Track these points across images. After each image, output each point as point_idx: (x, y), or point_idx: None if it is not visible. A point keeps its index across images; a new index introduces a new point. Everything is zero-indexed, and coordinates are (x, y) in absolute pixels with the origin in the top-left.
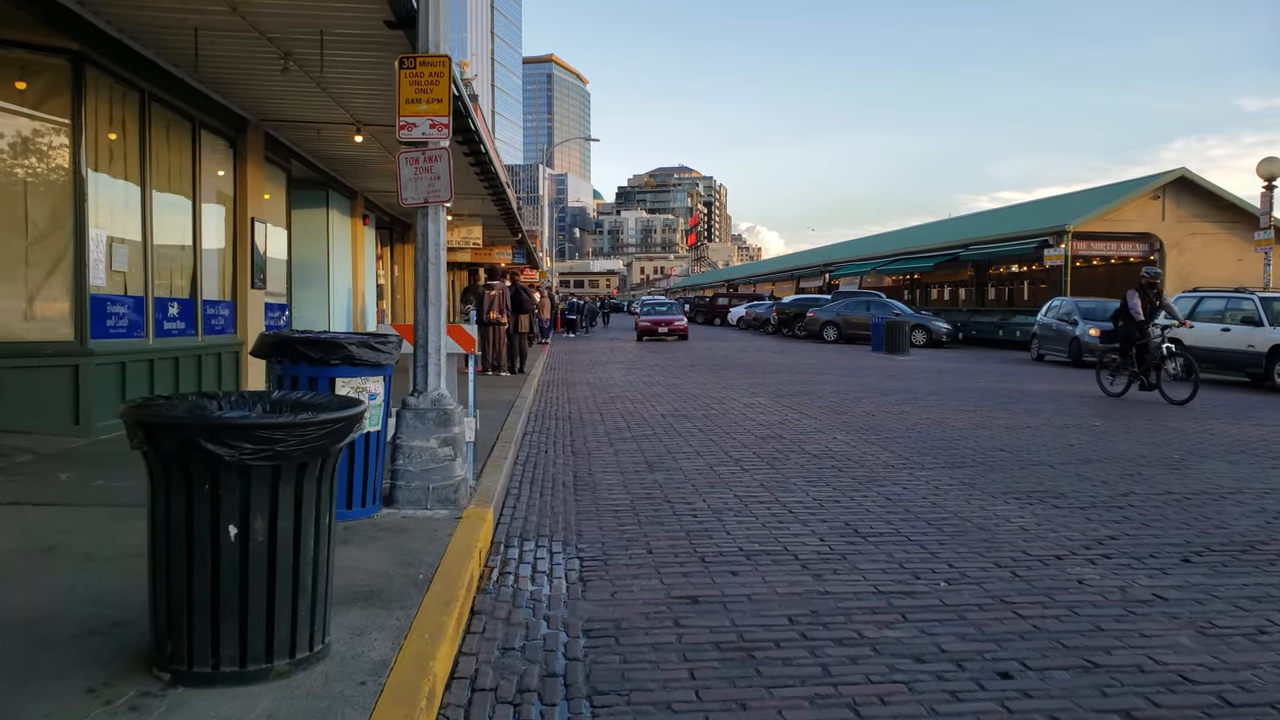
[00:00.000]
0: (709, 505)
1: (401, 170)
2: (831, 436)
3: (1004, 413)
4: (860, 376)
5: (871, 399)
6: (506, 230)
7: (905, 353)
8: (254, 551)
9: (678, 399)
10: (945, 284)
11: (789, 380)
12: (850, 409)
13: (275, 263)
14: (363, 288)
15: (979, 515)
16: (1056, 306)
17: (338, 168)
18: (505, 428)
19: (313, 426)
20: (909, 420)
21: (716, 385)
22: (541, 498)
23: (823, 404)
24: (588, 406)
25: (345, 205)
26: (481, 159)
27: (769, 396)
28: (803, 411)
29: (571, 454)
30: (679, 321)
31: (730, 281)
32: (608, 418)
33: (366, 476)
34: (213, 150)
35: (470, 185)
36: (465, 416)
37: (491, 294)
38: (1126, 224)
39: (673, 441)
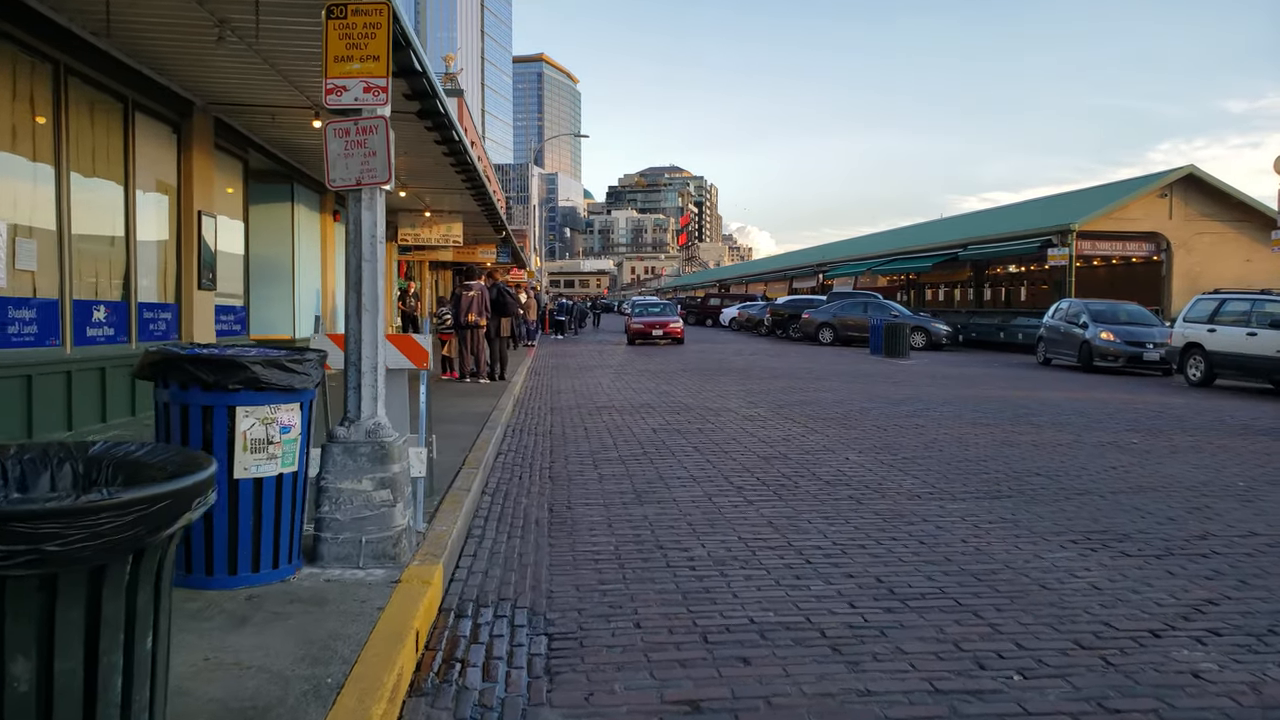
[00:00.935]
0: (709, 552)
1: (329, 145)
2: (843, 457)
3: (1028, 426)
4: (863, 383)
5: (880, 410)
6: (490, 228)
7: (906, 356)
8: (11, 711)
9: (669, 410)
10: (942, 284)
11: (788, 388)
12: (859, 422)
13: (230, 261)
14: (333, 288)
15: (1035, 567)
16: (1064, 308)
17: (302, 159)
18: (475, 448)
19: (111, 512)
20: (925, 436)
21: (711, 393)
22: (509, 541)
23: (828, 416)
24: (572, 419)
25: (313, 200)
26: (455, 147)
27: (769, 407)
28: (807, 425)
29: (549, 480)
30: (674, 324)
31: (721, 281)
32: (593, 433)
33: (280, 530)
34: (151, 135)
35: (445, 178)
36: (413, 447)
37: (469, 294)
38: (1132, 223)
39: (665, 463)
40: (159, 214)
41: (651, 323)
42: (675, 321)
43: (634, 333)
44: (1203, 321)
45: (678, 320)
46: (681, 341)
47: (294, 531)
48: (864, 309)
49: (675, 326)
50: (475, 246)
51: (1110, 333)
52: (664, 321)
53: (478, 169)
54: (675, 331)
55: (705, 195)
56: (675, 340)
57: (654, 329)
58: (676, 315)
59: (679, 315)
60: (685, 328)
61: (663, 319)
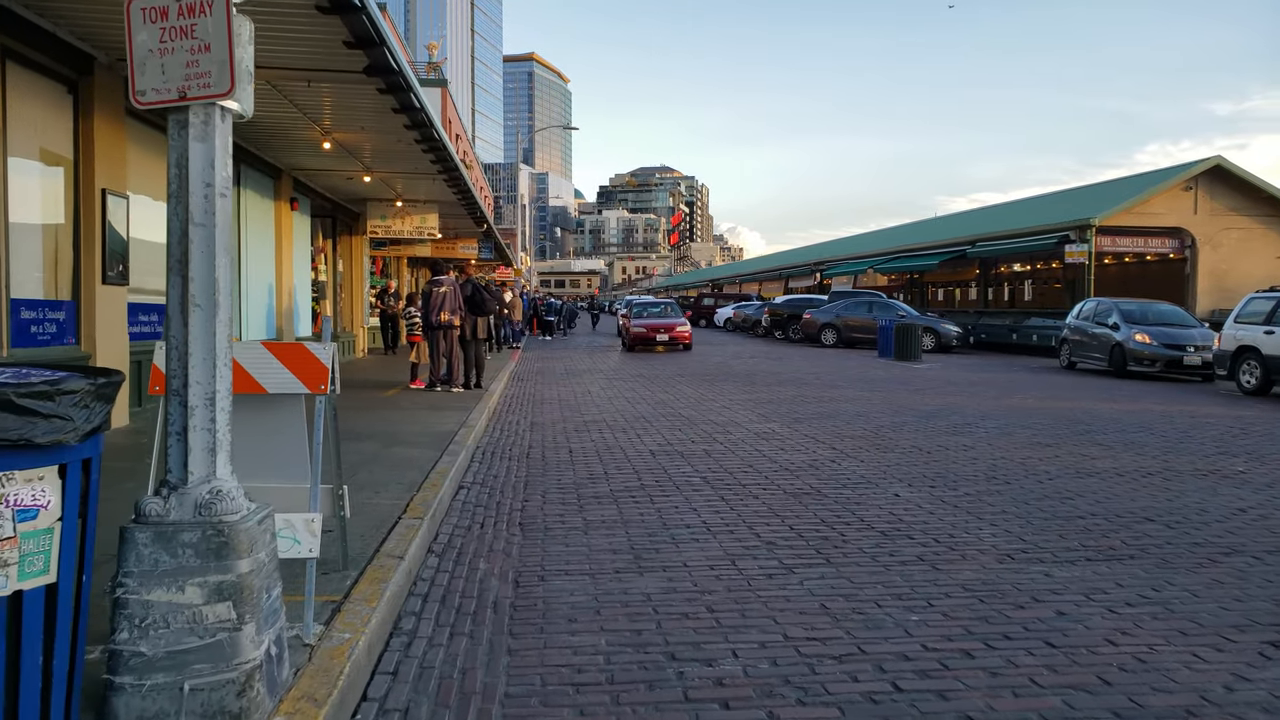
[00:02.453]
0: (746, 669)
1: (133, 35)
2: (889, 492)
3: (1096, 448)
4: (881, 390)
5: (913, 425)
6: (469, 220)
7: (918, 359)
8: None
9: (669, 425)
10: (947, 284)
11: (799, 397)
12: (893, 441)
13: (153, 251)
14: (290, 285)
15: (1259, 703)
16: (1090, 308)
17: (250, 136)
18: (428, 484)
19: None
20: (980, 461)
21: (714, 404)
22: (450, 645)
23: (854, 433)
24: (555, 438)
25: (265, 185)
26: (417, 116)
27: (783, 421)
28: (835, 446)
29: (519, 530)
30: (680, 327)
31: (715, 281)
32: (580, 456)
33: (21, 689)
34: (32, 93)
35: (413, 159)
36: (298, 516)
37: (440, 291)
38: (1155, 217)
39: (668, 503)
40: (46, 191)
41: (654, 326)
42: (682, 324)
43: (634, 338)
44: (1257, 322)
45: (684, 323)
46: (690, 348)
47: (59, 686)
48: (869, 309)
49: (683, 330)
50: (455, 241)
51: (1145, 334)
52: (669, 324)
53: (449, 149)
54: (682, 336)
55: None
56: (684, 345)
57: (657, 333)
58: (681, 316)
59: (684, 316)
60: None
61: (667, 321)
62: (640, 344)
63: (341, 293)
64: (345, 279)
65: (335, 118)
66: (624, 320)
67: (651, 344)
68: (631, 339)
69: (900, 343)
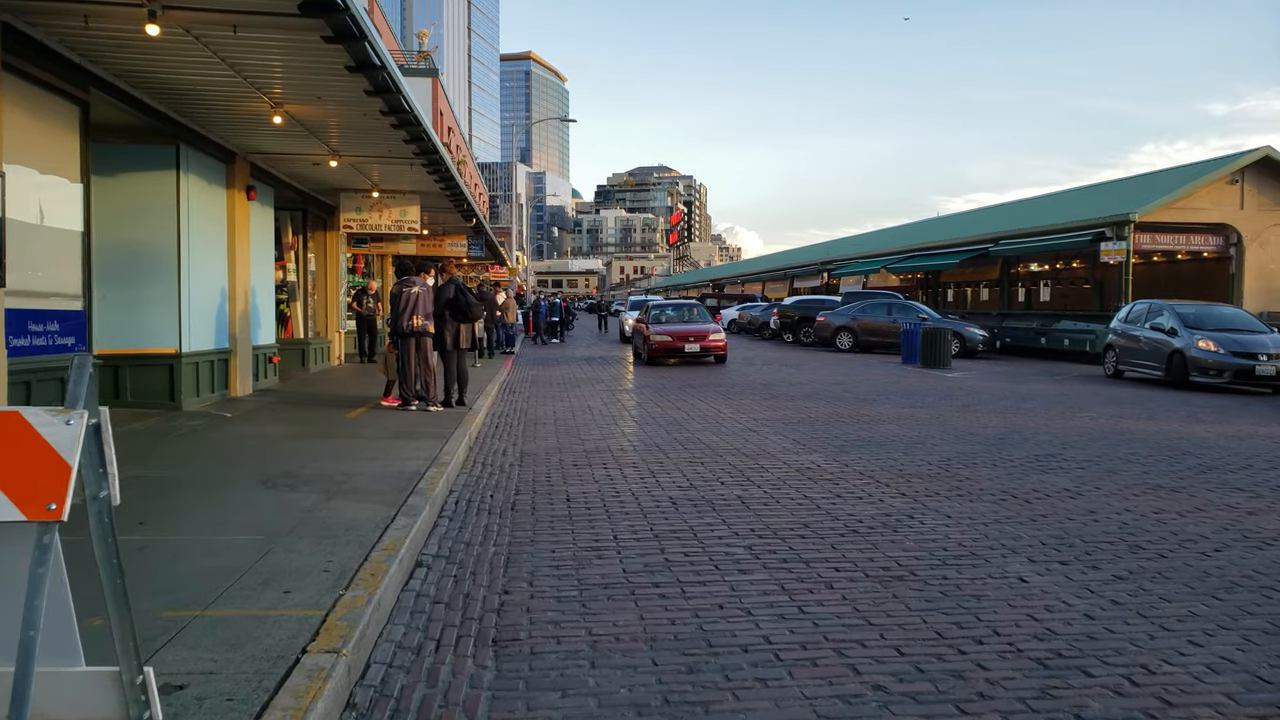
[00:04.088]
0: None
1: None
2: (1011, 574)
3: (1239, 494)
4: (924, 406)
5: (986, 458)
6: (457, 214)
7: (948, 366)
8: None
9: (688, 456)
10: (963, 284)
11: (833, 415)
12: (972, 482)
13: (52, 242)
14: (247, 286)
15: None
16: (1141, 311)
17: (194, 113)
18: (362, 575)
19: None
20: (1102, 516)
21: (735, 423)
22: None
23: (918, 468)
24: (549, 476)
25: (215, 171)
26: (381, 81)
27: (826, 451)
28: (903, 491)
29: (492, 659)
30: (714, 335)
31: (715, 281)
32: (581, 509)
33: None
34: None
35: (386, 140)
36: None
37: (410, 292)
38: (1198, 213)
39: (709, 600)
40: None
41: (681, 333)
42: (715, 331)
43: (657, 348)
44: None
45: (717, 329)
46: (724, 360)
47: None
48: (888, 311)
49: (717, 339)
50: (443, 238)
51: (1210, 341)
52: (699, 331)
53: (423, 124)
54: (716, 346)
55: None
56: (717, 357)
57: (685, 342)
58: (711, 320)
59: (715, 320)
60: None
61: (695, 326)
62: (664, 356)
63: (314, 294)
64: (319, 279)
65: (285, 84)
66: (639, 325)
67: (678, 355)
68: (653, 350)
69: (928, 348)
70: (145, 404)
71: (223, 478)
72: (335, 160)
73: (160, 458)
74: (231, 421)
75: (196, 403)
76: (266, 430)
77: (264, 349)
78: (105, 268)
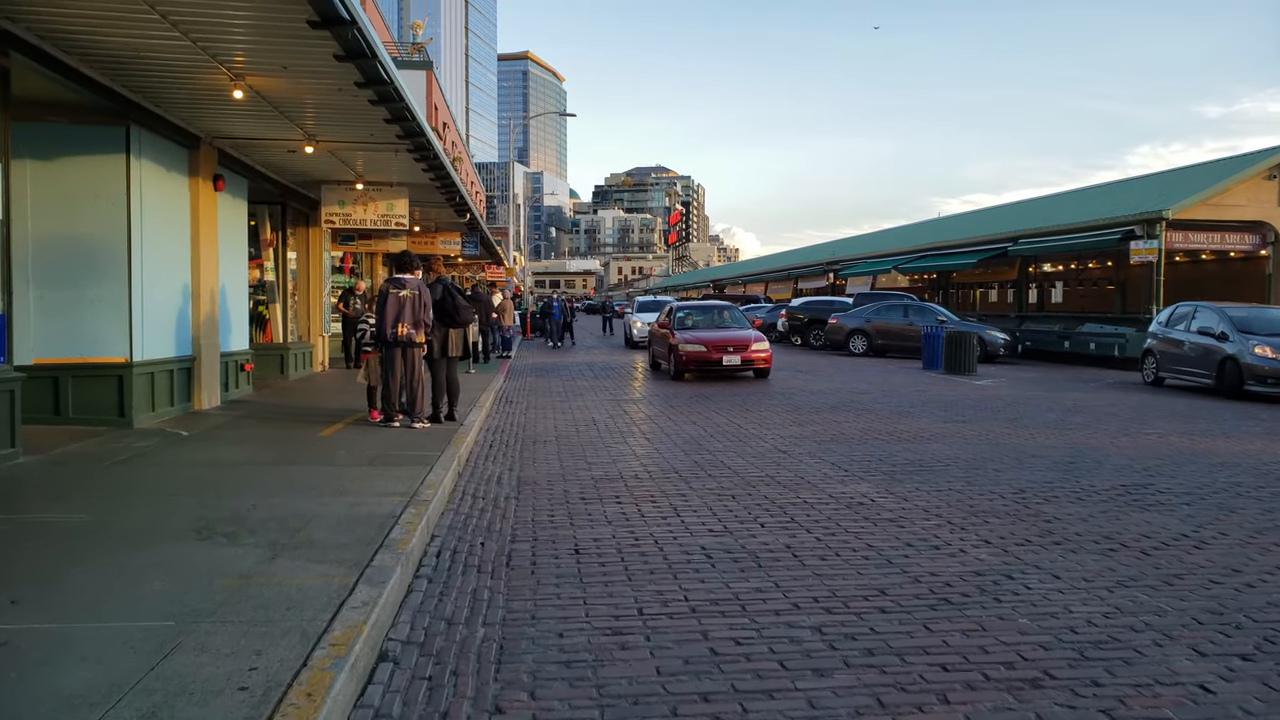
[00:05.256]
0: None
1: None
2: (1182, 675)
3: None
4: (966, 420)
5: (1065, 488)
6: (449, 209)
7: (974, 372)
8: None
9: (716, 486)
10: (976, 285)
11: (869, 431)
12: (1061, 524)
13: None
14: (213, 286)
15: None
16: (1186, 314)
17: (145, 88)
18: (290, 700)
19: None
20: (1254, 579)
21: (761, 441)
22: None
23: (989, 503)
24: (553, 515)
25: (175, 157)
26: (351, 42)
27: (875, 478)
28: (985, 537)
29: None
30: (758, 344)
31: (716, 281)
32: (593, 569)
33: None
34: None
35: (366, 122)
36: None
37: (401, 295)
38: (1233, 210)
39: (772, 710)
40: None
41: (716, 342)
42: (758, 340)
43: (687, 360)
44: None
45: (760, 338)
46: (767, 374)
47: None
48: (904, 313)
49: (760, 350)
50: (435, 235)
51: (1268, 347)
52: (738, 339)
53: (409, 105)
54: (760, 358)
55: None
56: (757, 372)
57: (723, 353)
58: (749, 325)
59: (754, 326)
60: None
61: (733, 334)
62: (695, 369)
63: (295, 295)
64: (300, 279)
65: (245, 50)
66: (658, 331)
67: (713, 369)
68: (681, 361)
69: (951, 353)
70: (90, 420)
71: (149, 523)
72: (311, 146)
73: (82, 494)
74: (186, 442)
75: (151, 419)
76: (222, 454)
77: (235, 355)
78: (40, 265)
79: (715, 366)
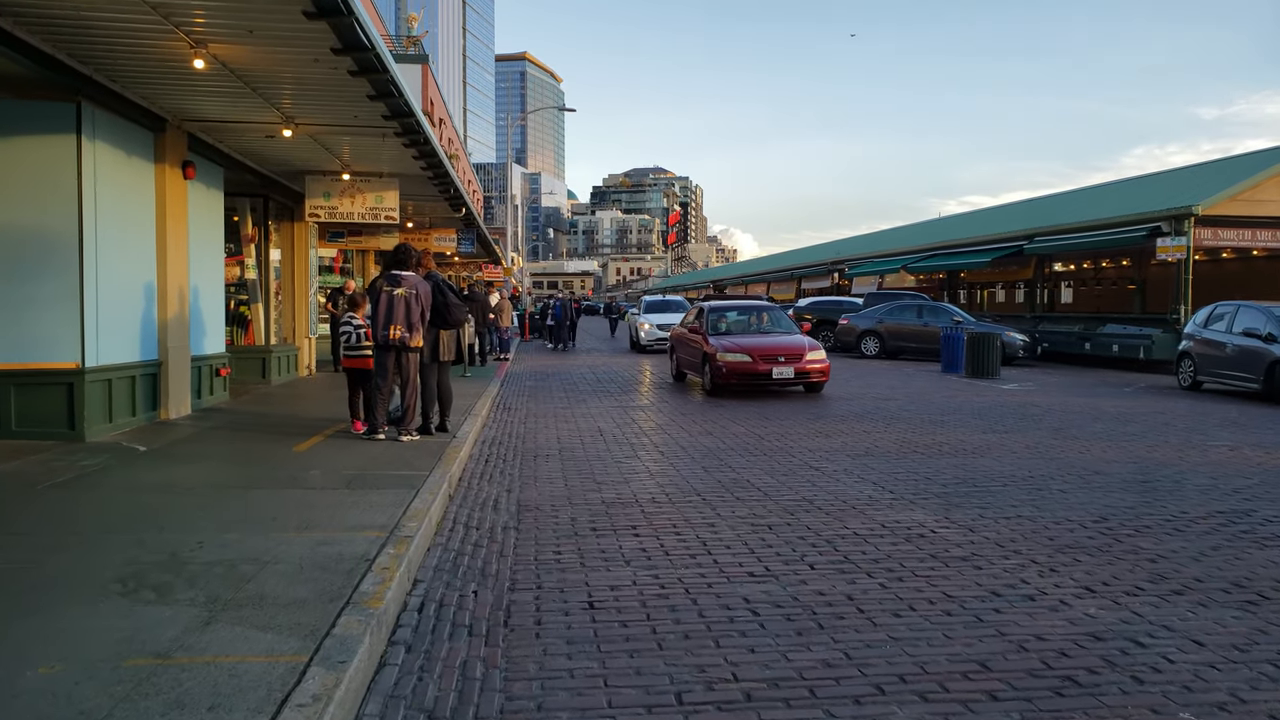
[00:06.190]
0: None
1: None
2: None
3: None
4: (1008, 429)
5: (1151, 514)
6: (443, 202)
7: (997, 376)
8: None
9: (745, 514)
10: (987, 285)
11: (906, 444)
12: (1171, 562)
13: None
14: (183, 284)
15: None
16: (1226, 315)
17: (95, 57)
18: None
19: None
20: None
21: (790, 456)
22: None
23: (1072, 533)
24: (559, 552)
25: (137, 141)
26: (329, 7)
27: (928, 503)
28: (1082, 581)
29: None
30: (813, 353)
31: (716, 282)
32: (609, 621)
33: None
34: None
35: (350, 100)
36: None
37: (397, 293)
38: (1264, 206)
39: None
40: None
41: (763, 350)
42: (813, 348)
43: (730, 372)
44: None
45: (815, 345)
46: (819, 386)
47: None
48: (918, 314)
49: (817, 360)
50: (429, 232)
51: None
52: (790, 348)
53: (394, 77)
54: (817, 369)
55: (690, 196)
56: (809, 386)
57: (773, 364)
58: (798, 330)
59: (803, 330)
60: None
61: (781, 340)
62: (739, 382)
63: (279, 295)
64: (285, 276)
65: (204, 9)
66: (686, 336)
67: (761, 383)
68: (720, 373)
69: (974, 355)
70: (36, 434)
71: (67, 570)
72: (290, 130)
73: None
74: (141, 459)
75: (107, 431)
76: (179, 474)
77: (209, 360)
78: None
79: (764, 381)
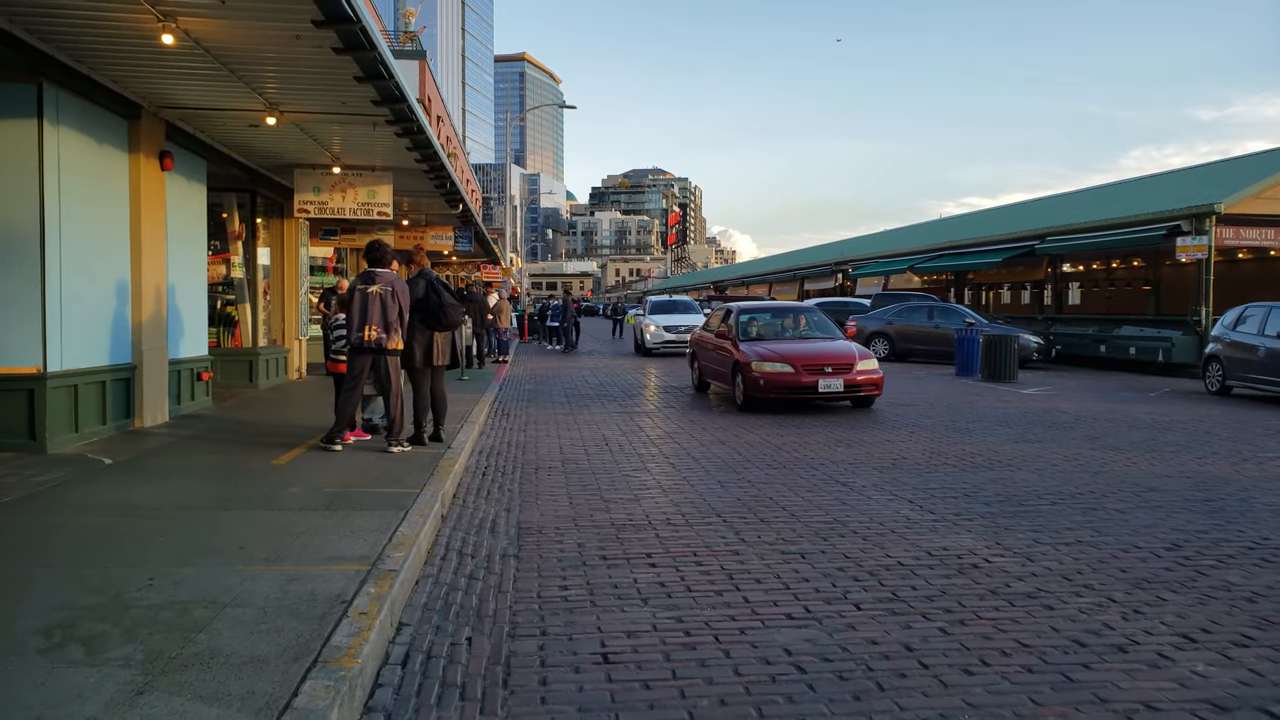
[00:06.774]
0: None
1: None
2: None
3: None
4: (1041, 439)
5: (1229, 541)
6: (439, 198)
7: (1015, 380)
8: None
9: (773, 539)
10: (995, 285)
11: (932, 453)
12: (1270, 600)
13: None
14: (160, 282)
15: None
16: (1258, 316)
17: (56, 32)
18: None
19: None
20: None
21: (813, 470)
22: None
23: (1146, 564)
24: (564, 589)
25: (109, 128)
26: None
27: (975, 525)
28: (1177, 629)
29: None
30: (865, 362)
31: (717, 283)
32: (629, 682)
33: None
34: None
35: (338, 86)
36: None
37: (369, 291)
38: None
39: None
40: None
41: (807, 359)
42: (865, 357)
43: (768, 383)
44: None
45: (867, 354)
46: (870, 402)
47: None
48: (929, 315)
49: (869, 370)
50: (425, 229)
51: None
52: (838, 357)
53: (384, 54)
54: (869, 381)
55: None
56: (857, 401)
57: (819, 375)
58: (842, 336)
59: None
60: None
61: (825, 347)
62: (779, 395)
63: (268, 294)
64: (274, 275)
65: None
66: (719, 343)
67: (805, 397)
68: (755, 385)
69: (990, 359)
70: None
71: None
72: (275, 117)
73: None
74: (104, 473)
75: (71, 441)
76: (141, 493)
77: (190, 363)
78: None
79: (808, 394)
